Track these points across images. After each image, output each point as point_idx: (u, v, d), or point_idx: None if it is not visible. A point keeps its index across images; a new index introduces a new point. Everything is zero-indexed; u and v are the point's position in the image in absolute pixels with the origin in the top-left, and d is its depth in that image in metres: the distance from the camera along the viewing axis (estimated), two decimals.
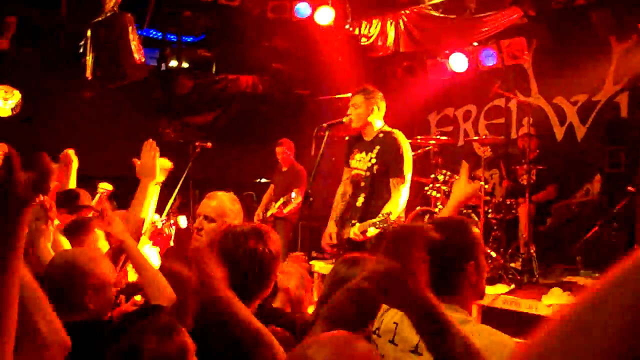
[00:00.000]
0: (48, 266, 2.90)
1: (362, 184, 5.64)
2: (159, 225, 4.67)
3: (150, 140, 3.73)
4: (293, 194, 8.50)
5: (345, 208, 5.80)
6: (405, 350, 2.25)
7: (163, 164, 3.79)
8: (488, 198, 7.98)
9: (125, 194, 4.07)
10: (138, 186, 3.62)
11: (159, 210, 6.89)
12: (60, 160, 4.92)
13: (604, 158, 8.60)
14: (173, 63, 9.90)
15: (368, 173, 5.64)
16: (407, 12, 9.44)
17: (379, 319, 2.59)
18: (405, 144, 5.61)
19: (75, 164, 5.07)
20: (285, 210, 8.64)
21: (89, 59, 7.69)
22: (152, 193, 3.70)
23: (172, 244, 6.00)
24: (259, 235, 2.77)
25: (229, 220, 3.70)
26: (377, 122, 5.72)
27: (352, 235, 5.32)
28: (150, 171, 3.61)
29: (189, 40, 10.29)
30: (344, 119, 5.62)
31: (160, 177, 3.77)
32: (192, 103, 10.51)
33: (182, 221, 7.00)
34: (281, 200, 8.65)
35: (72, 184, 5.11)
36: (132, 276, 3.80)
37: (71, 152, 5.00)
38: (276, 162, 9.39)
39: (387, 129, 5.72)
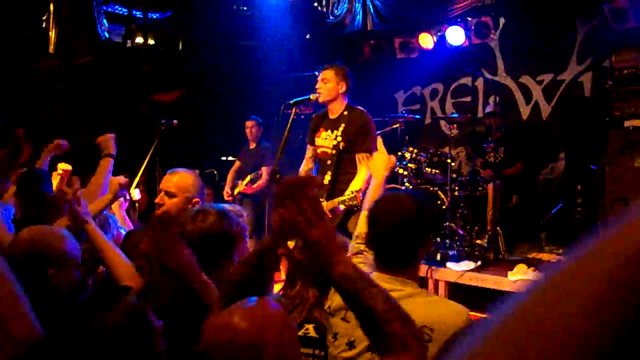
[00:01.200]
0: (12, 242, 2.85)
1: (329, 162, 5.62)
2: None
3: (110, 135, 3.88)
4: (261, 172, 8.47)
5: None
6: (356, 326, 2.29)
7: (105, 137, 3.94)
8: (454, 175, 7.99)
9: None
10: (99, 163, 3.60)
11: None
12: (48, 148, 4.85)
13: (569, 136, 8.66)
14: (139, 40, 9.72)
15: (334, 151, 5.62)
16: None
17: (331, 298, 2.65)
18: (369, 120, 5.62)
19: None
20: (253, 186, 8.59)
21: (52, 33, 7.52)
22: (106, 166, 3.81)
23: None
24: (221, 214, 2.77)
25: (190, 195, 3.65)
26: (344, 98, 5.71)
27: None
28: (110, 149, 3.78)
29: (155, 16, 10.10)
30: (312, 96, 5.61)
31: (109, 149, 3.90)
32: (159, 81, 10.37)
33: (136, 193, 6.92)
34: (249, 177, 8.60)
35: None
36: None
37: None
38: (241, 139, 9.31)
39: (352, 106, 5.72)
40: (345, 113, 5.66)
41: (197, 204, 3.58)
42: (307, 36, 10.61)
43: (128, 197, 4.60)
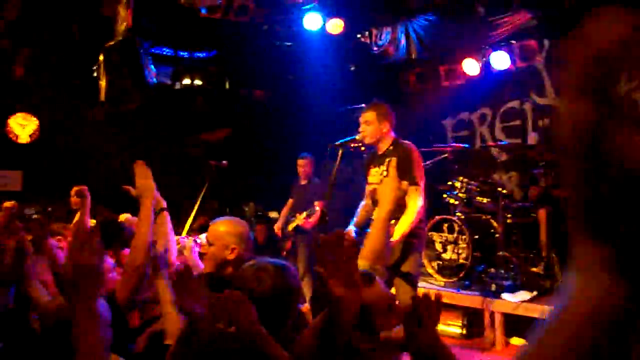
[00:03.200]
0: None
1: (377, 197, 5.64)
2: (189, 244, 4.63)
3: (140, 161, 3.72)
4: (316, 208, 8.47)
5: (365, 221, 5.81)
6: None
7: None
8: (506, 202, 7.93)
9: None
10: (139, 209, 3.58)
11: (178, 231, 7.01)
12: (75, 196, 4.87)
13: None
14: (186, 81, 9.95)
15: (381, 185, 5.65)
16: (417, 19, 9.42)
17: None
18: (413, 150, 5.64)
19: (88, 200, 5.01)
20: (310, 220, 8.63)
21: (103, 82, 7.78)
22: (164, 219, 3.74)
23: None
24: (277, 270, 2.78)
25: (226, 243, 3.74)
26: (389, 135, 5.76)
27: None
28: (148, 190, 3.61)
29: (201, 56, 10.33)
30: (357, 136, 5.65)
31: (160, 204, 3.79)
32: (207, 120, 10.57)
33: (204, 238, 7.01)
34: (305, 213, 8.65)
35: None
36: None
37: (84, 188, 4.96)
38: (292, 176, 9.36)
39: (397, 141, 5.77)
40: (391, 148, 5.72)
41: (234, 251, 3.71)
42: (351, 67, 10.68)
43: (199, 241, 4.64)
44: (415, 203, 5.41)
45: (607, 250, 0.92)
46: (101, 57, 7.68)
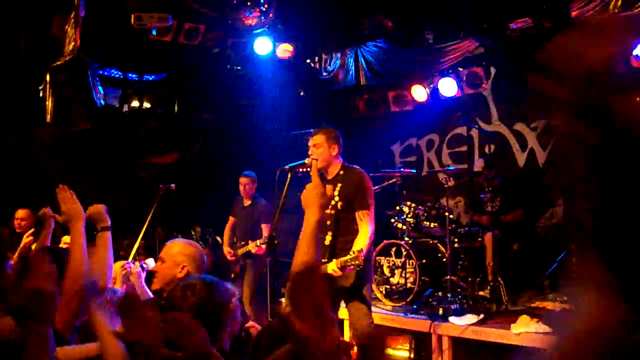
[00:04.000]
0: None
1: (328, 222, 5.65)
2: (136, 269, 4.56)
3: (61, 185, 3.68)
4: (265, 234, 8.36)
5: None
6: None
7: (96, 209, 3.79)
8: (453, 227, 8.02)
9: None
10: (70, 233, 3.53)
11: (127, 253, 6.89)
12: (40, 219, 4.81)
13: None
14: (135, 104, 9.85)
15: (332, 211, 5.67)
16: (367, 45, 9.50)
17: None
18: (365, 178, 5.70)
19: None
20: (263, 247, 8.41)
21: (49, 103, 7.63)
22: (105, 240, 3.68)
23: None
24: (205, 286, 2.84)
25: (179, 261, 3.87)
26: (338, 159, 5.81)
27: (330, 272, 5.29)
28: (76, 213, 3.58)
29: (150, 79, 10.27)
30: (306, 160, 5.59)
31: (102, 222, 3.76)
32: (156, 143, 10.49)
33: (151, 262, 6.93)
34: (258, 241, 8.44)
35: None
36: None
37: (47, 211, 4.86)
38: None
39: (347, 165, 5.81)
40: (341, 173, 5.75)
41: (184, 269, 3.82)
42: (301, 92, 10.73)
43: (145, 267, 4.63)
44: (368, 228, 5.48)
45: (609, 272, 1.02)
46: (48, 77, 7.53)
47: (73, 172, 8.47)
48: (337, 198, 5.63)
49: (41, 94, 7.88)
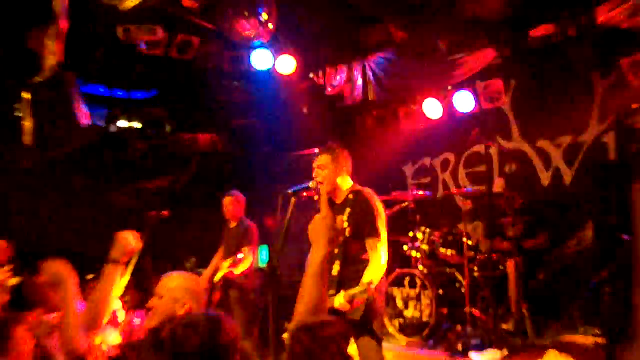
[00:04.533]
0: None
1: (336, 251, 5.52)
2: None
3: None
4: (240, 255, 8.21)
5: None
6: None
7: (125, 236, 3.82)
8: (472, 254, 7.92)
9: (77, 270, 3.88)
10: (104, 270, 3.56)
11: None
12: None
13: (595, 203, 8.47)
14: (123, 123, 9.81)
15: (341, 238, 5.52)
16: (374, 57, 9.46)
17: None
18: (376, 201, 5.58)
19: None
20: (236, 272, 8.24)
21: (28, 123, 7.53)
22: (113, 274, 3.68)
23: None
24: (208, 325, 2.77)
25: (181, 298, 3.81)
26: (346, 182, 5.70)
27: (337, 306, 5.18)
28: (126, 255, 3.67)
29: (139, 96, 10.22)
30: (311, 184, 5.54)
31: (124, 254, 3.79)
32: (146, 166, 10.43)
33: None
34: (229, 260, 8.25)
35: None
36: None
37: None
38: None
39: (357, 188, 5.69)
40: (351, 197, 5.63)
41: (185, 307, 3.77)
42: (304, 109, 10.67)
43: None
44: (380, 257, 5.35)
45: None
46: (27, 95, 7.45)
47: (55, 199, 8.40)
48: (345, 224, 5.51)
49: (18, 114, 7.76)
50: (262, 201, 9.22)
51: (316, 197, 5.88)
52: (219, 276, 8.36)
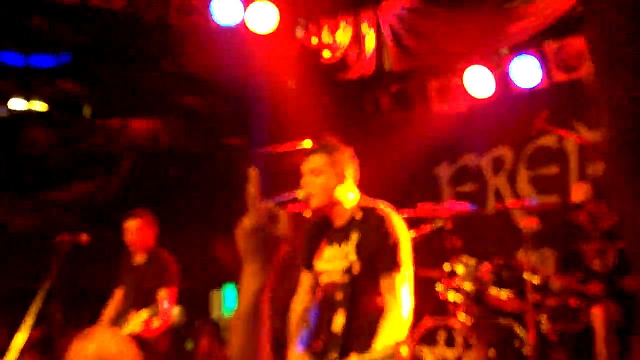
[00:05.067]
0: None
1: (339, 296, 5.41)
2: None
3: None
4: (164, 304, 8.11)
5: (313, 334, 5.60)
6: None
7: None
8: (539, 297, 7.87)
9: None
10: None
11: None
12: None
13: None
14: (17, 103, 9.75)
15: (346, 277, 5.40)
16: (392, 6, 9.49)
17: None
18: (397, 220, 5.41)
19: None
20: (154, 326, 8.04)
21: None
22: None
23: None
24: None
25: None
26: (350, 194, 5.54)
27: None
28: None
29: (45, 65, 10.22)
30: (299, 194, 5.36)
31: None
32: (53, 169, 10.40)
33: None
34: (145, 312, 7.97)
35: None
36: None
37: None
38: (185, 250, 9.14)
39: (367, 203, 5.55)
40: (358, 216, 5.48)
41: None
42: (290, 84, 10.62)
43: None
44: (402, 302, 5.25)
45: None
46: None
47: None
48: (352, 256, 5.36)
49: None
50: (227, 220, 9.10)
51: (308, 213, 5.78)
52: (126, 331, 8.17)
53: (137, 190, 10.84)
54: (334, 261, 5.49)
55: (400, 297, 5.21)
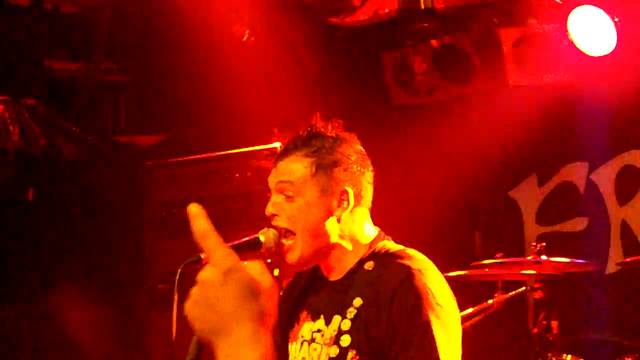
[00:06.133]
0: None
1: None
2: None
3: None
4: None
5: None
6: None
7: None
8: None
9: None
10: None
11: None
12: None
13: None
14: None
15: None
16: None
17: None
18: (438, 286, 5.11)
19: None
20: None
21: None
22: None
23: None
24: None
25: None
26: (355, 230, 5.31)
27: None
28: None
29: None
30: (261, 237, 5.09)
31: None
32: None
33: None
34: None
35: None
36: None
37: None
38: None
39: (385, 246, 5.28)
40: (369, 266, 5.23)
41: None
42: (244, 37, 10.07)
43: None
44: None
45: None
46: None
47: None
48: (347, 338, 5.12)
49: None
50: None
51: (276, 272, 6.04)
52: None
53: (49, 208, 11.24)
54: (316, 348, 5.38)
55: None
